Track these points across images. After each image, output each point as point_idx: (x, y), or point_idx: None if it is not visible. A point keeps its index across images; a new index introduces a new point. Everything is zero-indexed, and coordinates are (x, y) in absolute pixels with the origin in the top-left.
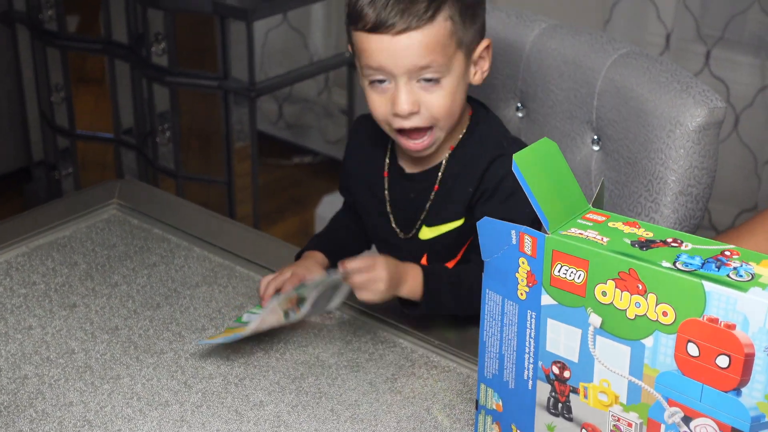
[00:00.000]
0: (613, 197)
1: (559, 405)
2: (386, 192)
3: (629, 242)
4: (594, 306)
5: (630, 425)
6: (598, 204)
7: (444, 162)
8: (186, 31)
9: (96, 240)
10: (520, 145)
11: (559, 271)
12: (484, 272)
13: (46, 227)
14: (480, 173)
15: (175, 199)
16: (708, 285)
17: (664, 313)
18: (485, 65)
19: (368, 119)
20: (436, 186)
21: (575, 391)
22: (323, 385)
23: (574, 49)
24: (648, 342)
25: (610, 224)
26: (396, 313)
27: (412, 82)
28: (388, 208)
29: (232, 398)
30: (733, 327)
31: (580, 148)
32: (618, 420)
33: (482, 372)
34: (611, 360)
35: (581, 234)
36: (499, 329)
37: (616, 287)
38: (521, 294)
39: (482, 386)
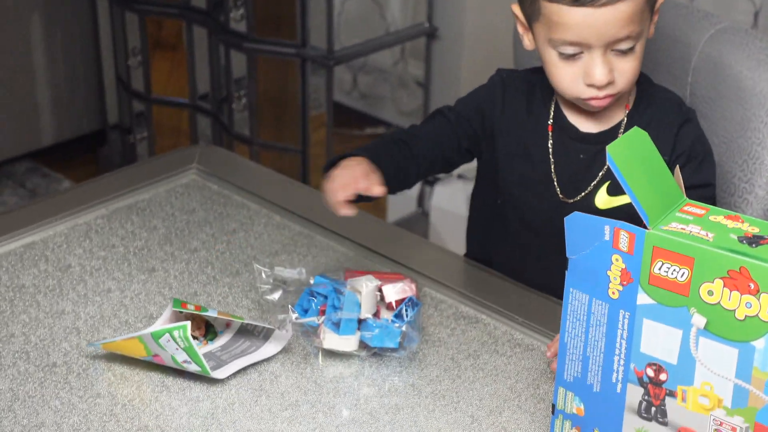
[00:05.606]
0: None
1: (653, 409)
2: (550, 151)
3: (736, 238)
4: (698, 306)
5: (734, 430)
6: None
7: (624, 122)
8: None
9: (175, 204)
10: (693, 112)
11: (659, 269)
12: (567, 270)
13: (126, 190)
14: (671, 139)
15: (254, 166)
16: None
17: None
18: (656, 16)
19: (514, 75)
20: None
21: (672, 394)
22: (404, 359)
23: (669, 23)
24: (759, 344)
25: (711, 218)
26: (478, 288)
27: (607, 52)
28: (552, 168)
29: (311, 369)
30: None
31: None
32: (720, 424)
33: (561, 375)
34: (715, 362)
35: (683, 229)
36: (584, 330)
37: (724, 286)
38: (613, 293)
39: (561, 390)
